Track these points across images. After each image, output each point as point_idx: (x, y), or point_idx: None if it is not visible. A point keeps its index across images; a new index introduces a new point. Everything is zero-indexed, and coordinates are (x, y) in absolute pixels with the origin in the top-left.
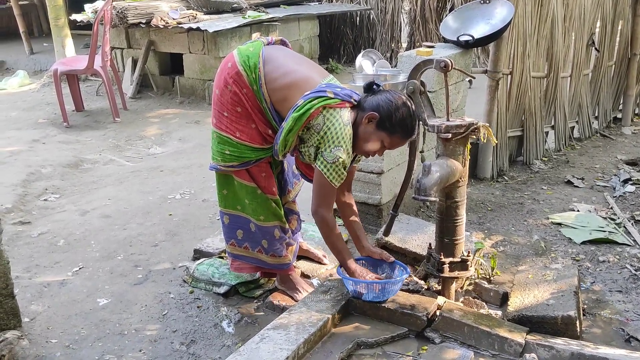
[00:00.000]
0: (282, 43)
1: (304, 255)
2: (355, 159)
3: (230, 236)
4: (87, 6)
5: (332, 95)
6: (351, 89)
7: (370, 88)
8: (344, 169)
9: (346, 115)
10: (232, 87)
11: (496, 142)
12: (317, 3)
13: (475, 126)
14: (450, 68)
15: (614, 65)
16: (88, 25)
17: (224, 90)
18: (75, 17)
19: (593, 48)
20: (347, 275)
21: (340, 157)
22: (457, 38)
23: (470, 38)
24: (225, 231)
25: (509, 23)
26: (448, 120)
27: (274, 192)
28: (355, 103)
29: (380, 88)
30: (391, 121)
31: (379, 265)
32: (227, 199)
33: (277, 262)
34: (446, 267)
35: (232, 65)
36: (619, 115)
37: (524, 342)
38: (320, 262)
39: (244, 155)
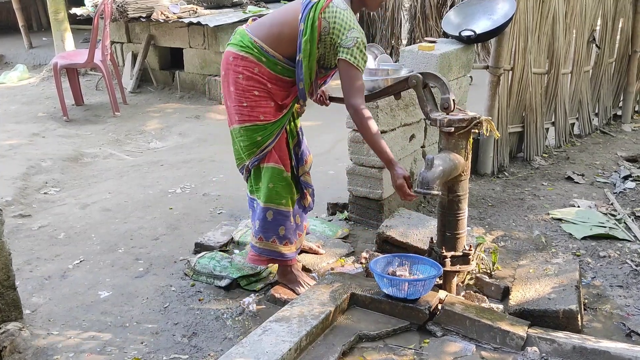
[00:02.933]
0: (253, 21)
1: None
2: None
3: (253, 225)
4: (87, 0)
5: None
6: None
7: None
8: (365, 48)
9: (339, 2)
10: (244, 73)
11: (499, 135)
12: None
13: (477, 120)
14: (451, 111)
15: (614, 62)
16: (88, 20)
17: (237, 83)
18: (75, 11)
19: (594, 45)
20: (378, 271)
21: (357, 37)
22: (459, 33)
23: (472, 33)
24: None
25: (511, 19)
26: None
27: (289, 167)
28: None
29: None
30: None
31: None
32: (258, 191)
33: (288, 251)
34: (448, 260)
35: (233, 57)
36: (619, 112)
37: (525, 335)
38: (316, 253)
39: (272, 132)
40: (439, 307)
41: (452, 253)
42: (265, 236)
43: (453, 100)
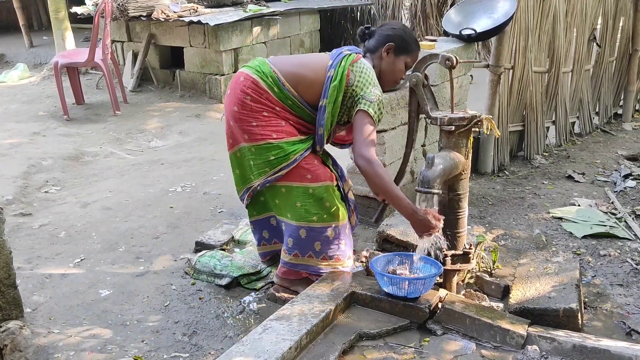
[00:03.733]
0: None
1: None
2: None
3: (285, 243)
4: None
5: (349, 53)
6: (352, 46)
7: (365, 33)
8: (383, 108)
9: (366, 62)
10: (252, 95)
11: (499, 134)
12: None
13: (478, 119)
14: (455, 65)
15: (615, 61)
16: (88, 19)
17: (244, 103)
18: (76, 9)
19: (594, 43)
20: (378, 269)
21: (379, 95)
22: (460, 32)
23: (473, 32)
24: (284, 237)
25: (512, 17)
26: (452, 112)
27: (332, 178)
28: (363, 54)
29: (372, 28)
30: (405, 41)
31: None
32: (280, 209)
33: (327, 267)
34: (448, 259)
35: (245, 78)
36: (620, 111)
37: (525, 334)
38: None
39: (289, 152)
40: (439, 305)
41: (453, 252)
42: (301, 252)
43: (447, 54)
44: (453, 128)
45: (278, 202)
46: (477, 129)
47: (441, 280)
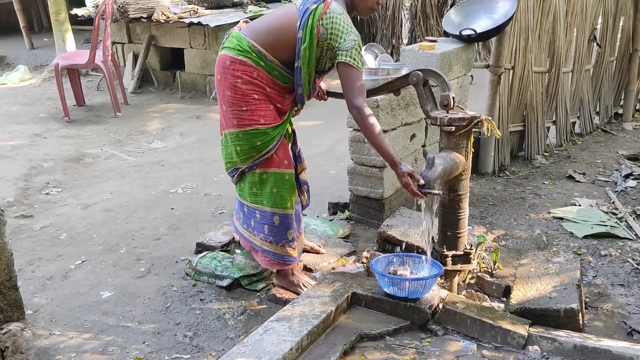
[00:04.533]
0: (246, 23)
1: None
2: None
3: (259, 231)
4: (88, 1)
5: (315, 6)
6: None
7: None
8: (361, 49)
9: (336, 7)
10: (243, 77)
11: (500, 135)
12: None
13: (478, 119)
14: (450, 108)
15: (615, 61)
16: (88, 20)
17: (236, 87)
18: (76, 11)
19: (595, 43)
20: (379, 270)
21: (354, 40)
22: (460, 32)
23: (473, 32)
24: (255, 227)
25: (512, 17)
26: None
27: (291, 165)
28: None
29: None
30: None
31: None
32: (256, 196)
33: (295, 254)
34: (449, 260)
35: (231, 61)
36: (620, 111)
37: (526, 334)
38: (317, 253)
39: (273, 137)
40: (440, 306)
41: (453, 252)
42: (275, 240)
43: (453, 98)
44: (453, 128)
45: (256, 189)
46: (477, 130)
47: (442, 281)
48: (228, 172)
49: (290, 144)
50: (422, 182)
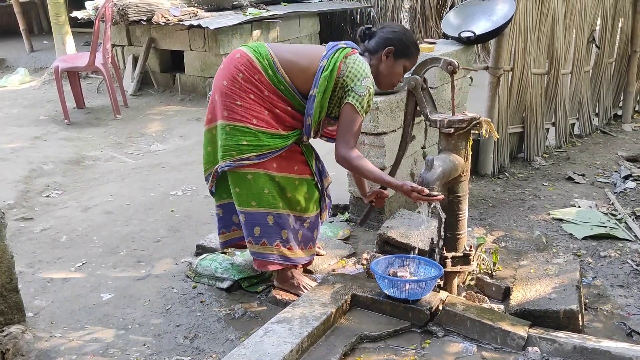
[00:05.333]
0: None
1: None
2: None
3: (248, 234)
4: (87, 3)
5: (344, 46)
6: (348, 41)
7: (365, 33)
8: (372, 100)
9: (361, 57)
10: (244, 73)
11: (498, 136)
12: (317, 0)
13: (477, 121)
14: (456, 70)
15: (614, 62)
16: (88, 23)
17: (234, 79)
18: (76, 14)
19: (594, 45)
20: (379, 271)
21: (369, 87)
22: (459, 34)
23: (472, 34)
24: (243, 229)
25: (510, 19)
26: (453, 115)
27: (310, 172)
28: (361, 53)
29: (373, 29)
30: (406, 46)
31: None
32: (240, 197)
33: (293, 256)
34: (449, 261)
35: (241, 55)
36: (620, 112)
37: (526, 335)
38: (317, 254)
39: (262, 144)
40: (440, 307)
41: (453, 254)
42: (269, 240)
43: (449, 59)
44: (452, 130)
45: (239, 190)
46: (476, 131)
47: (442, 282)
48: (205, 175)
49: (314, 159)
50: (426, 190)
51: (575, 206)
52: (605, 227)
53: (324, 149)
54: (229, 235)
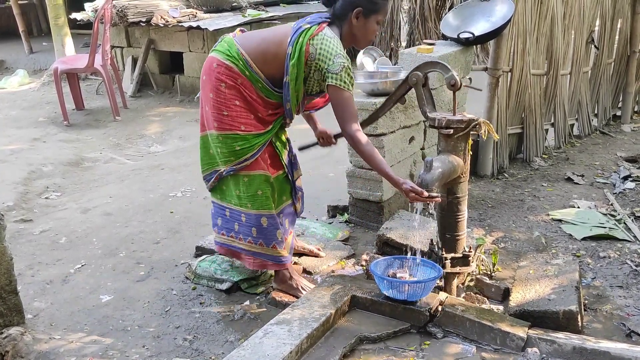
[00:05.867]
0: (242, 32)
1: (299, 253)
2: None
3: (247, 234)
4: (87, 5)
5: (308, 26)
6: (317, 14)
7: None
8: (351, 72)
9: (328, 31)
10: (227, 82)
11: (498, 137)
12: (316, 2)
13: (476, 122)
14: (459, 87)
15: (613, 63)
16: (88, 24)
17: (218, 91)
18: (75, 15)
19: (592, 45)
20: (378, 272)
21: (343, 63)
22: (458, 35)
23: (471, 35)
24: (241, 230)
25: (509, 20)
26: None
27: (278, 170)
28: (329, 20)
29: None
30: (372, 2)
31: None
32: (240, 199)
33: (287, 254)
34: (448, 262)
35: (218, 64)
36: (619, 113)
37: (525, 336)
38: (317, 256)
39: (253, 144)
40: (440, 308)
41: (452, 255)
42: (266, 242)
43: (457, 76)
44: (451, 131)
45: (239, 193)
46: (475, 132)
47: (441, 283)
48: (205, 175)
49: (286, 152)
50: (425, 193)
51: (574, 207)
52: (605, 227)
53: (324, 150)
54: (226, 240)
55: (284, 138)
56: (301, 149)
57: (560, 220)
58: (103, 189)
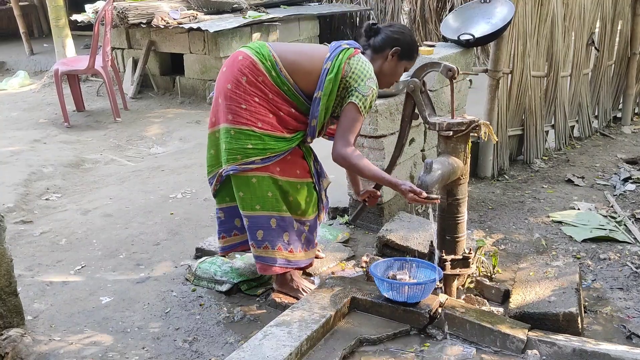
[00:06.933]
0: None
1: None
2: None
3: (251, 238)
4: (87, 6)
5: (347, 46)
6: (352, 40)
7: (371, 29)
8: (374, 101)
9: (364, 57)
10: (248, 76)
11: (497, 139)
12: (317, 3)
13: (476, 124)
14: (456, 75)
15: (613, 65)
16: (88, 26)
17: (239, 83)
18: (76, 17)
19: (593, 47)
20: (378, 274)
21: (373, 88)
22: (458, 37)
23: (471, 37)
24: (247, 233)
25: (510, 22)
26: (452, 118)
27: (309, 175)
28: (362, 50)
29: (379, 25)
30: (411, 48)
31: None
32: (244, 201)
33: (294, 258)
34: (448, 264)
35: (244, 57)
36: (619, 115)
37: (525, 338)
38: (317, 257)
39: (267, 148)
40: (440, 310)
41: (452, 256)
42: (272, 244)
43: (449, 64)
44: (451, 133)
45: (243, 194)
46: (475, 134)
47: (441, 285)
48: (209, 177)
49: (312, 161)
50: (424, 194)
51: (574, 209)
52: (605, 229)
53: (324, 150)
54: (230, 240)
55: (308, 146)
56: (354, 220)
57: (560, 222)
58: (103, 191)
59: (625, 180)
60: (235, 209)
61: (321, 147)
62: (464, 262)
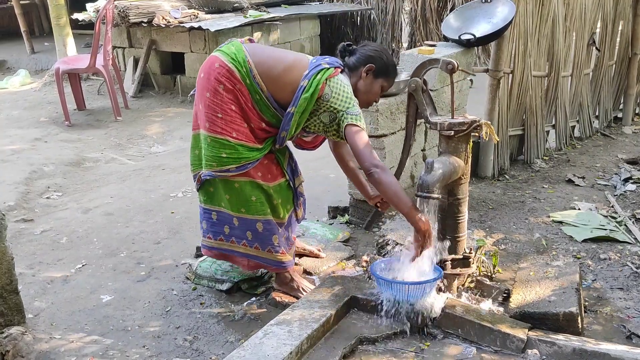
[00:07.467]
0: (250, 41)
1: (300, 254)
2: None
3: (243, 237)
4: (88, 5)
5: (327, 66)
6: (334, 58)
7: (345, 49)
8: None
9: (345, 78)
10: (226, 84)
11: (498, 139)
12: (318, 3)
13: (477, 123)
14: (456, 69)
15: (614, 65)
16: (89, 25)
17: (216, 91)
18: (77, 16)
19: (594, 47)
20: (376, 275)
21: (359, 110)
22: (459, 37)
23: (472, 37)
24: (233, 234)
25: (511, 22)
26: (453, 118)
27: (283, 174)
28: (342, 67)
29: (353, 47)
30: (385, 65)
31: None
32: (231, 203)
33: (286, 259)
34: (448, 264)
35: (220, 65)
36: (620, 115)
37: (525, 338)
38: (317, 257)
39: (241, 157)
40: (440, 309)
41: (453, 256)
42: (262, 246)
43: (448, 59)
44: (452, 133)
45: (229, 197)
46: (476, 134)
47: (442, 285)
48: (193, 174)
49: (286, 160)
50: (430, 249)
51: (575, 209)
52: (605, 229)
53: (324, 150)
54: (214, 243)
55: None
56: (368, 227)
57: (560, 222)
58: (104, 189)
59: (626, 180)
60: (228, 215)
61: (321, 147)
62: (465, 262)
